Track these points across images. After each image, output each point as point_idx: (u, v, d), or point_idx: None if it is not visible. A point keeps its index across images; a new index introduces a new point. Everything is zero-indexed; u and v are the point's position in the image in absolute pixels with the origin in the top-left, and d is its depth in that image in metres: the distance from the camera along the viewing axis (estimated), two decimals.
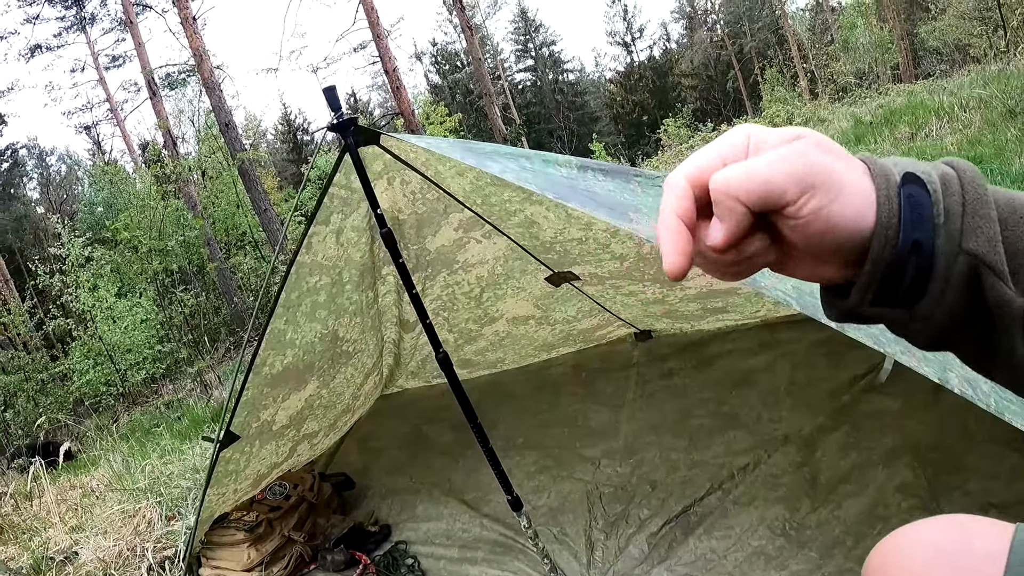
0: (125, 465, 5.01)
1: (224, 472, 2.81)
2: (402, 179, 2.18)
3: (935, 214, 0.45)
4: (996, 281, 0.44)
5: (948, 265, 0.45)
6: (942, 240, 0.45)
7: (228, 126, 13.76)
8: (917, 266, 0.45)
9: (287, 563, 3.27)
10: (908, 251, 0.45)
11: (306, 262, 2.14)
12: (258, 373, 2.34)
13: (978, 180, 0.47)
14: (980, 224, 0.45)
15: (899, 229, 0.45)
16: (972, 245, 0.44)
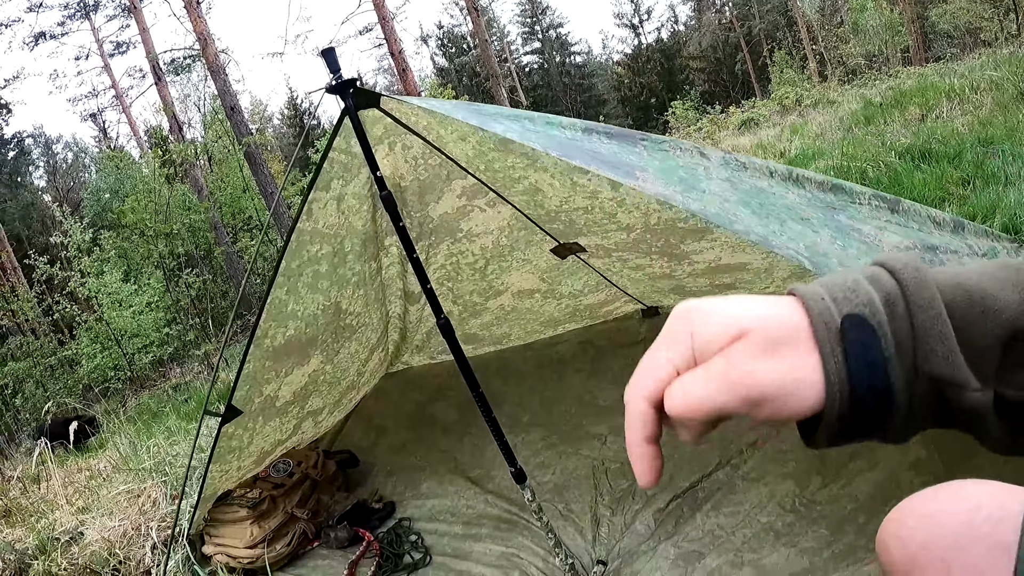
0: (132, 447, 5.01)
1: (227, 448, 2.78)
2: (403, 144, 2.12)
3: (884, 348, 0.44)
4: (961, 392, 0.44)
5: (909, 390, 0.44)
6: (896, 371, 0.44)
7: (234, 110, 13.70)
8: (875, 404, 0.44)
9: (290, 540, 3.25)
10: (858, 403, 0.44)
11: (307, 229, 2.09)
12: (259, 345, 2.29)
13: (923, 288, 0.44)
14: (934, 345, 0.43)
15: (850, 386, 0.44)
16: (929, 368, 0.44)
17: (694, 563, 2.33)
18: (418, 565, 2.92)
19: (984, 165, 5.85)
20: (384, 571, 2.96)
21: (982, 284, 0.45)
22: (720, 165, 2.30)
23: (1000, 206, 4.66)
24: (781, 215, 2.17)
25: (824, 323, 0.45)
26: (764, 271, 3.36)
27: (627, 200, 2.45)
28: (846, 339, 0.44)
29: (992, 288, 0.45)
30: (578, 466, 3.12)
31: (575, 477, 3.06)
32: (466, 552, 2.88)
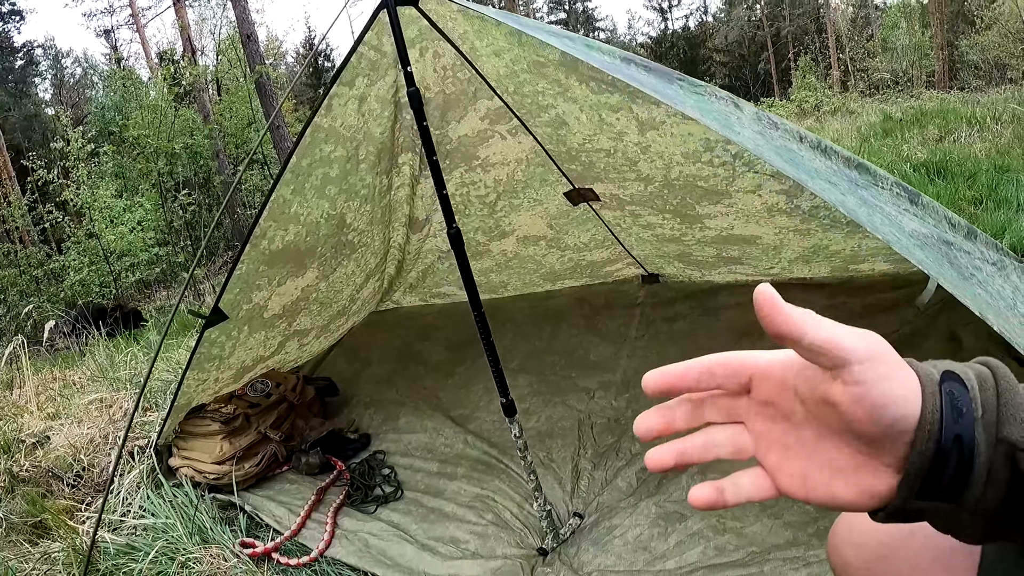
0: (108, 358, 4.92)
1: (207, 356, 2.70)
2: (435, 51, 2.01)
3: (974, 408, 0.48)
4: None
5: (988, 454, 0.47)
6: (980, 432, 0.47)
7: (250, 38, 13.36)
8: (958, 459, 0.47)
9: (260, 460, 3.17)
10: (950, 445, 0.47)
11: (323, 126, 1.98)
12: (256, 246, 2.20)
13: (1010, 375, 0.50)
14: (1014, 412, 0.48)
15: (941, 423, 0.47)
16: (1007, 433, 0.47)
17: (675, 524, 2.28)
18: (388, 498, 2.85)
19: (998, 189, 5.82)
20: (352, 501, 2.90)
21: None
22: (752, 119, 2.20)
23: (1010, 228, 4.67)
24: (811, 172, 2.10)
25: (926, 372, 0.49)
26: (773, 249, 3.29)
27: (652, 148, 2.36)
28: (942, 388, 0.48)
29: None
30: (564, 416, 3.06)
31: (560, 427, 3.00)
32: (439, 490, 2.82)
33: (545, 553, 2.29)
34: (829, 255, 3.27)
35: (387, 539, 2.53)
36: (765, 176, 2.46)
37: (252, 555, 2.50)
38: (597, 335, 3.63)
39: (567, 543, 2.34)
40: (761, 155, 1.66)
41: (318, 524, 2.69)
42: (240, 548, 2.53)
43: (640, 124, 2.18)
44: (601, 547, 2.27)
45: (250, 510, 2.79)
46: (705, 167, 2.44)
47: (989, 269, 2.37)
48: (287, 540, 2.61)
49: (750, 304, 0.54)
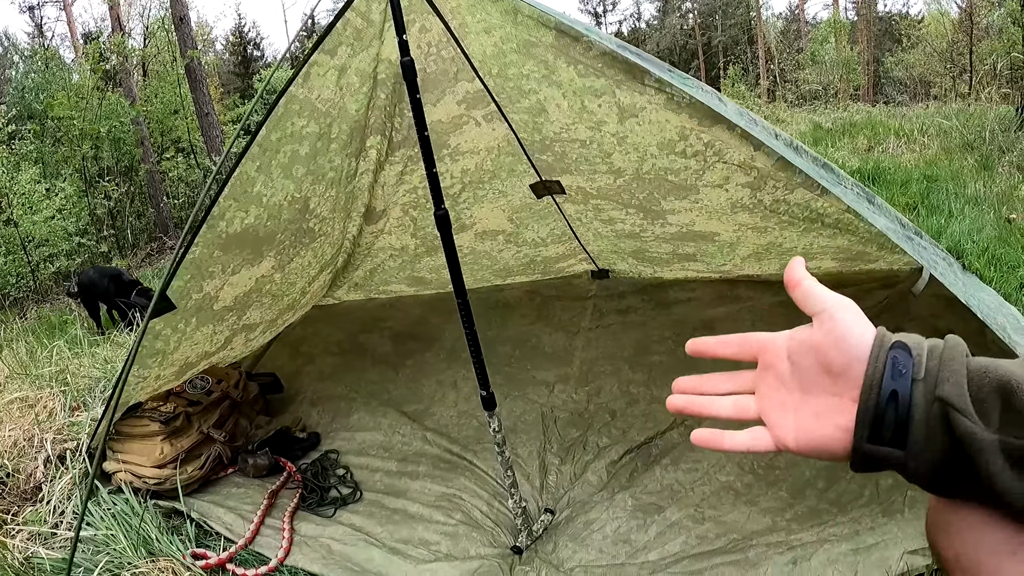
0: (29, 353, 4.51)
1: (150, 351, 2.49)
2: (422, 25, 1.91)
3: (915, 371, 0.57)
4: (961, 418, 0.54)
5: (927, 411, 0.56)
6: (919, 392, 0.56)
7: (183, 20, 12.62)
8: (896, 411, 0.56)
9: (203, 463, 2.96)
10: (887, 398, 0.57)
11: (299, 97, 1.85)
12: (213, 227, 2.03)
13: (959, 347, 0.58)
14: (949, 376, 0.56)
15: (881, 380, 0.57)
16: (941, 391, 0.56)
17: (653, 515, 2.26)
18: (347, 500, 2.72)
19: (929, 196, 6.16)
20: (308, 504, 2.75)
21: (995, 360, 0.57)
22: (736, 113, 2.21)
23: (945, 233, 4.95)
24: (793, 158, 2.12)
25: (881, 335, 0.60)
26: (729, 246, 3.34)
27: (629, 138, 2.34)
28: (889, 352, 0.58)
29: (1001, 363, 0.57)
30: (526, 410, 3.01)
31: (523, 422, 2.94)
32: (401, 490, 2.71)
33: (520, 551, 2.23)
34: (781, 252, 3.35)
35: (351, 544, 2.41)
36: (733, 167, 2.48)
37: (205, 567, 2.32)
38: (549, 325, 3.60)
39: (542, 540, 2.29)
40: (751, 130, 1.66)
41: (274, 531, 2.54)
42: (192, 560, 2.34)
43: (621, 111, 2.15)
44: (580, 542, 2.23)
45: (197, 517, 2.60)
46: (678, 159, 2.43)
47: (943, 264, 2.47)
48: (242, 549, 2.44)
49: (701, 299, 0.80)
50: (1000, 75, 13.43)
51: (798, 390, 0.64)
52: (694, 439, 0.71)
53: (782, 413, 0.65)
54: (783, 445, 0.64)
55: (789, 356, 0.65)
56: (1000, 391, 0.55)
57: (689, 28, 37.16)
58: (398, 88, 2.19)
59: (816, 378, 0.62)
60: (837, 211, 2.76)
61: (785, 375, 0.65)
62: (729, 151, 2.35)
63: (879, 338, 0.60)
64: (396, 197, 2.82)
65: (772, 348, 0.67)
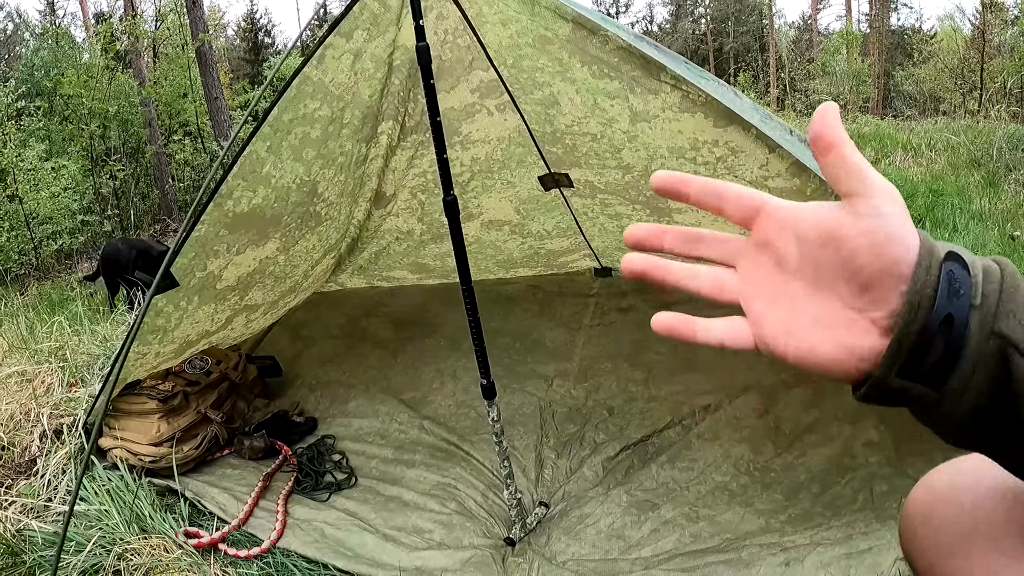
0: (29, 328, 4.51)
1: (151, 327, 2.49)
2: (439, 12, 1.91)
3: (972, 295, 0.46)
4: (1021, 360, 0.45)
5: (979, 345, 0.45)
6: (975, 321, 0.45)
7: (195, 3, 12.59)
8: (946, 342, 0.45)
9: (200, 443, 2.96)
10: (940, 323, 0.45)
11: (312, 79, 1.84)
12: (220, 206, 2.03)
13: (1018, 276, 0.48)
14: (1013, 309, 0.46)
15: (934, 299, 0.45)
16: (1002, 327, 0.45)
17: (647, 512, 2.26)
18: (342, 486, 2.72)
19: (935, 211, 6.17)
20: (303, 488, 2.75)
21: None
22: (751, 108, 2.21)
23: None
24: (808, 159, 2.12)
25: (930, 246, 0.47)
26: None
27: (640, 138, 2.34)
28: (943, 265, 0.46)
29: None
30: (523, 403, 3.01)
31: (520, 414, 2.94)
32: (396, 477, 2.71)
33: (513, 543, 2.23)
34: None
35: (345, 529, 2.40)
36: (743, 183, 2.47)
37: (197, 546, 2.32)
38: (551, 320, 3.61)
39: (535, 532, 2.29)
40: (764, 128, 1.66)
41: (267, 512, 2.54)
42: (184, 538, 2.34)
43: (633, 114, 2.15)
44: (573, 536, 2.23)
45: (191, 496, 2.60)
46: (687, 164, 2.43)
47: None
48: (235, 530, 2.44)
49: (702, 301, 0.56)
50: (1011, 93, 13.42)
51: (802, 283, 0.50)
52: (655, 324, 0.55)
53: (771, 306, 0.52)
54: (766, 346, 0.52)
55: (799, 237, 0.50)
56: None
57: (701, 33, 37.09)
58: (412, 74, 2.19)
59: (832, 279, 0.49)
60: None
61: (788, 259, 0.51)
62: (742, 166, 2.34)
63: (927, 245, 0.47)
64: (405, 181, 2.82)
65: (776, 219, 0.52)
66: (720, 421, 2.70)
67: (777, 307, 0.51)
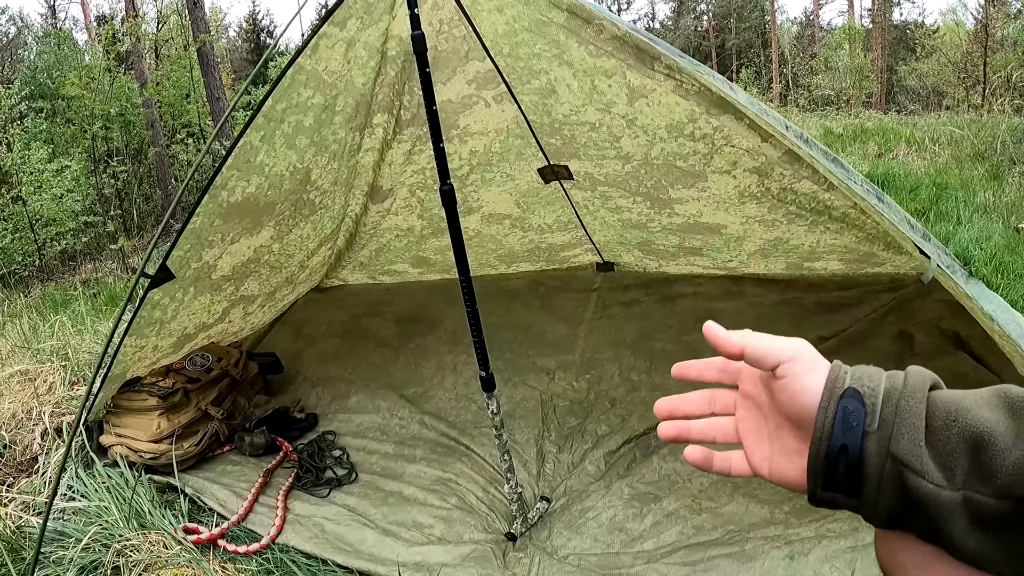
0: (32, 328, 4.51)
1: (148, 320, 2.48)
2: (434, 2, 1.89)
3: (868, 422, 0.53)
4: (917, 479, 0.51)
5: (879, 465, 0.52)
6: (872, 444, 0.52)
7: (196, 4, 12.59)
8: (847, 464, 0.53)
9: (200, 439, 2.95)
10: (837, 451, 0.53)
11: (306, 68, 1.82)
12: (214, 197, 2.01)
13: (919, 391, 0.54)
14: (905, 430, 0.52)
15: (832, 433, 0.54)
16: (896, 448, 0.52)
17: (649, 504, 2.24)
18: (342, 481, 2.70)
19: (939, 203, 6.13)
20: (303, 483, 2.73)
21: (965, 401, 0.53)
22: (746, 100, 2.19)
23: (953, 239, 4.92)
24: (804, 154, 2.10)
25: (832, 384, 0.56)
26: (735, 240, 3.31)
27: (638, 120, 2.31)
28: (840, 402, 0.55)
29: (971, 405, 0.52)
30: (525, 396, 2.98)
31: (522, 408, 2.92)
32: (397, 473, 2.69)
33: (514, 538, 2.21)
34: (788, 250, 3.32)
35: (345, 524, 2.39)
36: (741, 151, 2.45)
37: (196, 542, 2.30)
38: (553, 314, 3.58)
39: (536, 527, 2.27)
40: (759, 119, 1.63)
41: (267, 508, 2.52)
42: (183, 534, 2.33)
43: (631, 92, 2.13)
44: (575, 530, 2.21)
45: (191, 493, 2.58)
46: (686, 142, 2.41)
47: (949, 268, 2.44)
48: (234, 525, 2.43)
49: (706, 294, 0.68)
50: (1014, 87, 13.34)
51: (772, 422, 0.63)
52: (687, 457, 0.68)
53: (758, 441, 0.64)
54: (757, 471, 0.64)
55: (766, 389, 0.63)
56: (968, 443, 0.51)
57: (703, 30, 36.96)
58: (407, 66, 2.17)
59: (782, 421, 0.61)
60: (844, 204, 2.74)
61: (762, 404, 0.64)
62: (737, 137, 2.32)
63: (830, 383, 0.56)
64: (403, 177, 2.80)
65: (750, 376, 0.65)
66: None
67: (761, 441, 0.63)
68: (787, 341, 0.60)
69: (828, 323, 3.25)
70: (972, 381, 2.80)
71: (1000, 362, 2.77)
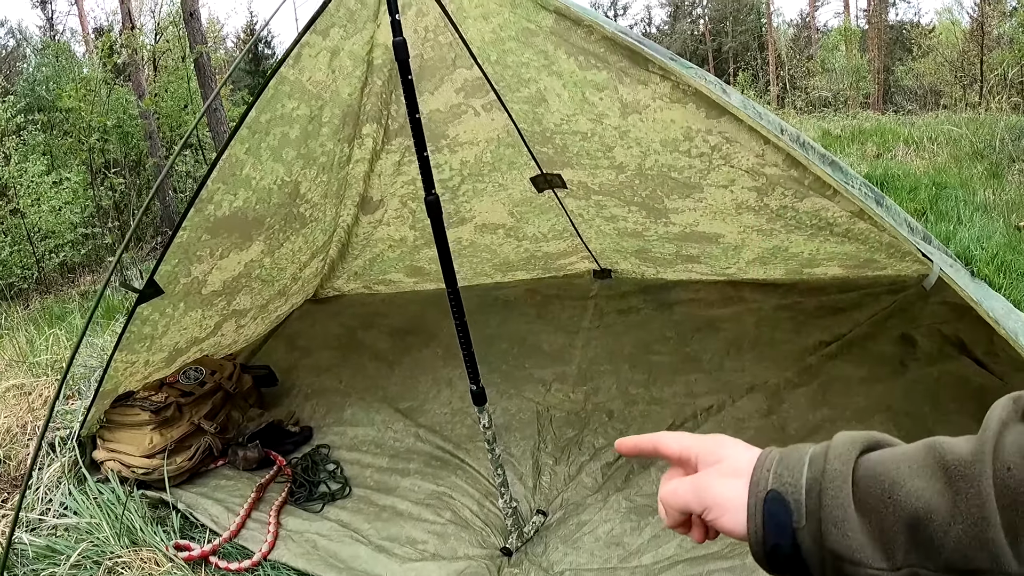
0: (28, 342, 4.48)
1: (138, 335, 2.45)
2: (419, 9, 1.86)
3: (795, 521, 0.53)
4: (856, 568, 0.50)
5: (819, 555, 0.52)
6: (807, 537, 0.52)
7: (193, 16, 12.56)
8: (787, 559, 0.53)
9: (193, 454, 2.91)
10: (771, 552, 0.54)
11: (289, 79, 1.80)
12: (201, 211, 1.98)
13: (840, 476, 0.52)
14: (830, 526, 0.51)
15: (764, 534, 0.54)
16: (829, 542, 0.51)
17: (647, 517, 2.20)
18: (336, 496, 2.67)
19: (938, 203, 6.09)
20: (296, 499, 2.69)
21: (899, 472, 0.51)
22: (740, 103, 2.16)
23: (954, 239, 4.88)
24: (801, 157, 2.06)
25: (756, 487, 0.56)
26: (733, 248, 3.28)
27: (631, 133, 2.28)
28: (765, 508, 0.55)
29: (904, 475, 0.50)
30: (521, 408, 2.95)
31: (517, 420, 2.88)
32: (391, 487, 2.66)
33: (509, 553, 2.17)
34: (787, 257, 3.29)
35: (337, 540, 2.35)
36: (740, 172, 2.42)
37: (188, 559, 2.27)
38: (549, 324, 3.54)
39: (532, 542, 2.23)
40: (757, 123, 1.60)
41: (259, 524, 2.48)
42: (174, 551, 2.30)
43: (623, 107, 2.09)
44: (571, 545, 2.17)
45: (184, 508, 2.55)
46: (682, 157, 2.37)
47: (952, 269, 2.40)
48: (226, 542, 2.39)
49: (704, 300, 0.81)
50: (1011, 85, 13.30)
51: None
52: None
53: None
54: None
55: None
56: (905, 522, 0.49)
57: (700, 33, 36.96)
58: (394, 75, 2.14)
59: None
60: (847, 220, 2.70)
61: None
62: (737, 155, 2.29)
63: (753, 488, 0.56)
64: (394, 188, 2.77)
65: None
66: (724, 422, 2.64)
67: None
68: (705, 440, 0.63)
69: (828, 327, 3.21)
70: (975, 385, 2.76)
71: (1003, 368, 2.73)
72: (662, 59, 1.71)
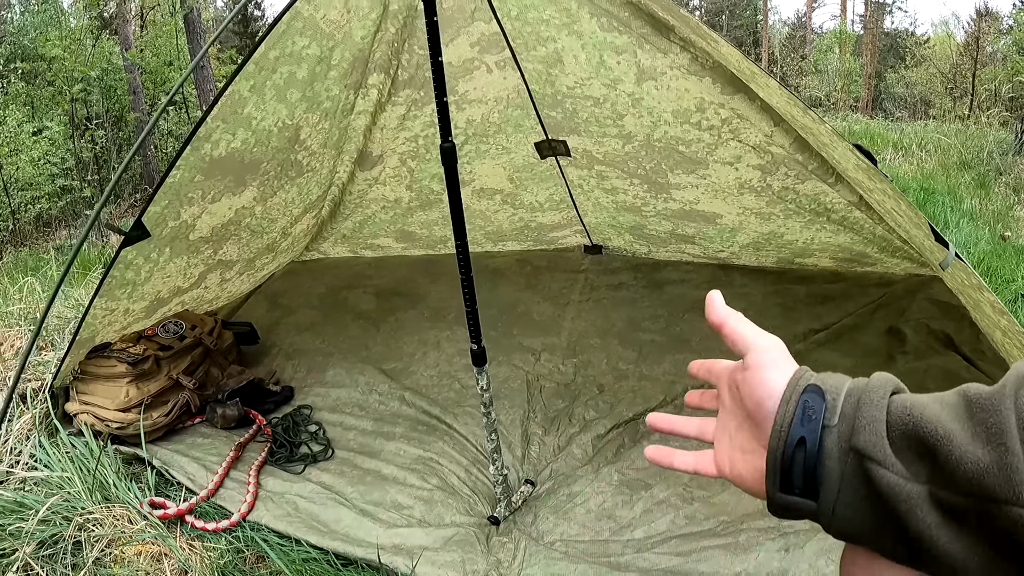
0: (1, 292, 4.32)
1: (120, 280, 2.35)
2: None
3: (827, 418, 0.53)
4: (881, 470, 0.49)
5: (840, 459, 0.51)
6: (831, 439, 0.52)
7: None
8: (805, 460, 0.52)
9: (170, 410, 2.82)
10: (794, 445, 0.53)
11: (303, 14, 1.70)
12: (197, 149, 1.89)
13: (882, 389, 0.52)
14: (866, 423, 0.51)
15: (790, 425, 0.53)
16: (857, 441, 0.51)
17: (639, 492, 2.17)
18: (317, 458, 2.59)
19: (926, 208, 6.15)
20: (276, 459, 2.62)
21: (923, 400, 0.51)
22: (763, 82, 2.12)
23: None
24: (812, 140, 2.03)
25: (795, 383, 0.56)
26: (730, 230, 3.25)
27: (644, 100, 2.22)
28: (801, 398, 0.54)
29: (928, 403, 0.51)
30: (510, 376, 2.90)
31: (506, 388, 2.83)
32: (375, 450, 2.59)
33: (497, 522, 2.13)
34: (780, 245, 3.27)
35: (320, 503, 2.28)
36: (747, 148, 2.39)
37: (163, 517, 2.18)
38: (539, 294, 3.50)
39: (521, 511, 2.19)
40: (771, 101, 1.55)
41: (238, 484, 2.40)
42: (149, 508, 2.21)
43: (640, 72, 2.04)
44: (562, 515, 2.13)
45: (159, 465, 2.46)
46: (692, 129, 2.33)
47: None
48: (203, 501, 2.30)
49: (694, 281, 0.80)
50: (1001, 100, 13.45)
51: (734, 421, 0.63)
52: (648, 455, 0.70)
53: (725, 439, 0.64)
54: (720, 472, 0.64)
55: (729, 387, 0.64)
56: (927, 442, 0.49)
57: None
58: (409, 23, 2.06)
59: (744, 418, 0.61)
60: (844, 207, 2.68)
61: (727, 403, 0.65)
62: (746, 131, 2.25)
63: (794, 380, 0.56)
64: (395, 144, 2.69)
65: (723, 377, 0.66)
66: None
67: (727, 441, 0.64)
68: (765, 335, 0.61)
69: (818, 316, 3.20)
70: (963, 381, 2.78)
71: (990, 366, 2.74)
72: (686, 30, 1.66)
